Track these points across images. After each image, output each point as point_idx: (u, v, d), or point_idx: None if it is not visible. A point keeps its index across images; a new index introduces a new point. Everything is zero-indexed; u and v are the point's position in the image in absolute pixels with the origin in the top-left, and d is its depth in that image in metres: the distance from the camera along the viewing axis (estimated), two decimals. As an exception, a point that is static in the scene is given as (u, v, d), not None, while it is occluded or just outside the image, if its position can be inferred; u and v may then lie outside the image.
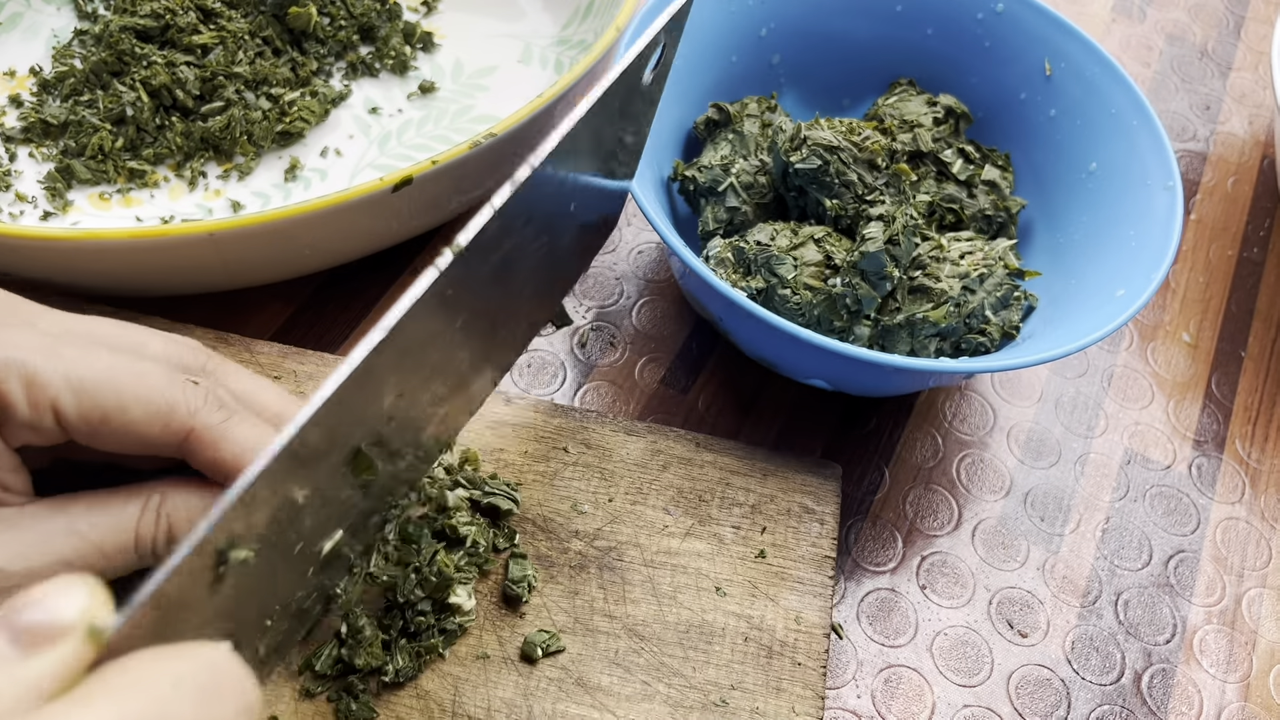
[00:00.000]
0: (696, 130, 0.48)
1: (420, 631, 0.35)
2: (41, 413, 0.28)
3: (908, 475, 0.45)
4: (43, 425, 0.29)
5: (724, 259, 0.43)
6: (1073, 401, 0.48)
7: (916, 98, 0.48)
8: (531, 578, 0.37)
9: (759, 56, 0.50)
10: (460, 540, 0.37)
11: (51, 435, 0.29)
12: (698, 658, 0.36)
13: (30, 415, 0.28)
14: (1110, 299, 0.41)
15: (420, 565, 0.35)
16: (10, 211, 0.47)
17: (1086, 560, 0.44)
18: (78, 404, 0.28)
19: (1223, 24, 0.67)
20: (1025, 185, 0.49)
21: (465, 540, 0.37)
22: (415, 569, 0.35)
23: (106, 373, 0.29)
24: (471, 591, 0.36)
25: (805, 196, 0.44)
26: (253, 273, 0.44)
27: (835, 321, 0.42)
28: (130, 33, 0.51)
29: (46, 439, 0.29)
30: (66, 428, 0.29)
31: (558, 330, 0.48)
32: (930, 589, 0.42)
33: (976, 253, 0.42)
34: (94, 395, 0.29)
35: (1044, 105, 0.48)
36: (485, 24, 0.58)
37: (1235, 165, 0.60)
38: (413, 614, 0.35)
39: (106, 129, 0.49)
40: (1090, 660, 0.41)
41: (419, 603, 0.35)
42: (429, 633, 0.35)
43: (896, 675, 0.40)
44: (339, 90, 0.53)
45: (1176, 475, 0.47)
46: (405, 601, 0.35)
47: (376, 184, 0.40)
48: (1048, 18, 0.48)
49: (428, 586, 0.35)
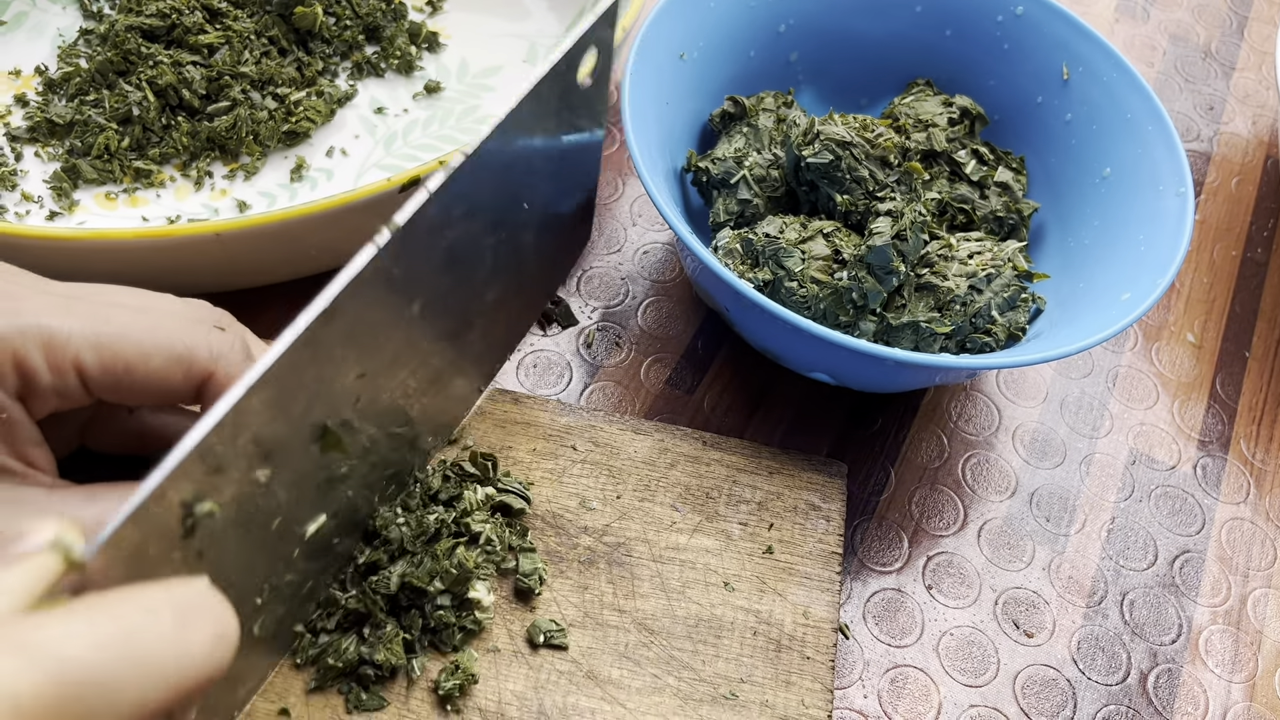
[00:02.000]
0: (712, 123, 0.49)
1: (441, 628, 0.35)
2: (65, 375, 0.28)
3: (913, 475, 0.45)
4: (67, 387, 0.29)
5: (732, 250, 0.43)
6: (1078, 402, 0.48)
7: (933, 98, 0.48)
8: (542, 571, 0.37)
9: (777, 53, 0.50)
10: (476, 537, 0.37)
11: (76, 397, 0.29)
12: (707, 651, 0.36)
13: (54, 380, 0.28)
14: (1116, 302, 0.41)
15: (440, 557, 0.35)
16: (16, 211, 0.47)
17: (1092, 560, 0.44)
18: (99, 358, 0.29)
19: (1226, 24, 0.68)
20: (1039, 189, 0.49)
21: (480, 537, 0.37)
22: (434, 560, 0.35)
23: (124, 325, 0.29)
24: (491, 587, 0.36)
25: (816, 191, 0.45)
26: (258, 273, 0.44)
27: (841, 316, 0.42)
28: (136, 32, 0.51)
29: (72, 401, 0.29)
30: (90, 385, 0.29)
31: (563, 330, 0.48)
32: (936, 589, 0.42)
33: (985, 253, 0.42)
34: (114, 347, 0.29)
35: (1060, 109, 0.48)
36: (490, 24, 0.58)
37: (1239, 166, 0.60)
38: (433, 609, 0.35)
39: (112, 128, 0.49)
40: (1096, 660, 0.41)
41: (438, 596, 0.35)
42: (449, 630, 0.35)
43: (903, 675, 0.40)
44: (345, 90, 0.53)
45: (1181, 476, 0.47)
46: (425, 596, 0.35)
47: (384, 184, 0.40)
48: (1067, 21, 0.48)
49: (448, 580, 0.35)
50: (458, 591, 0.36)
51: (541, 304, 0.44)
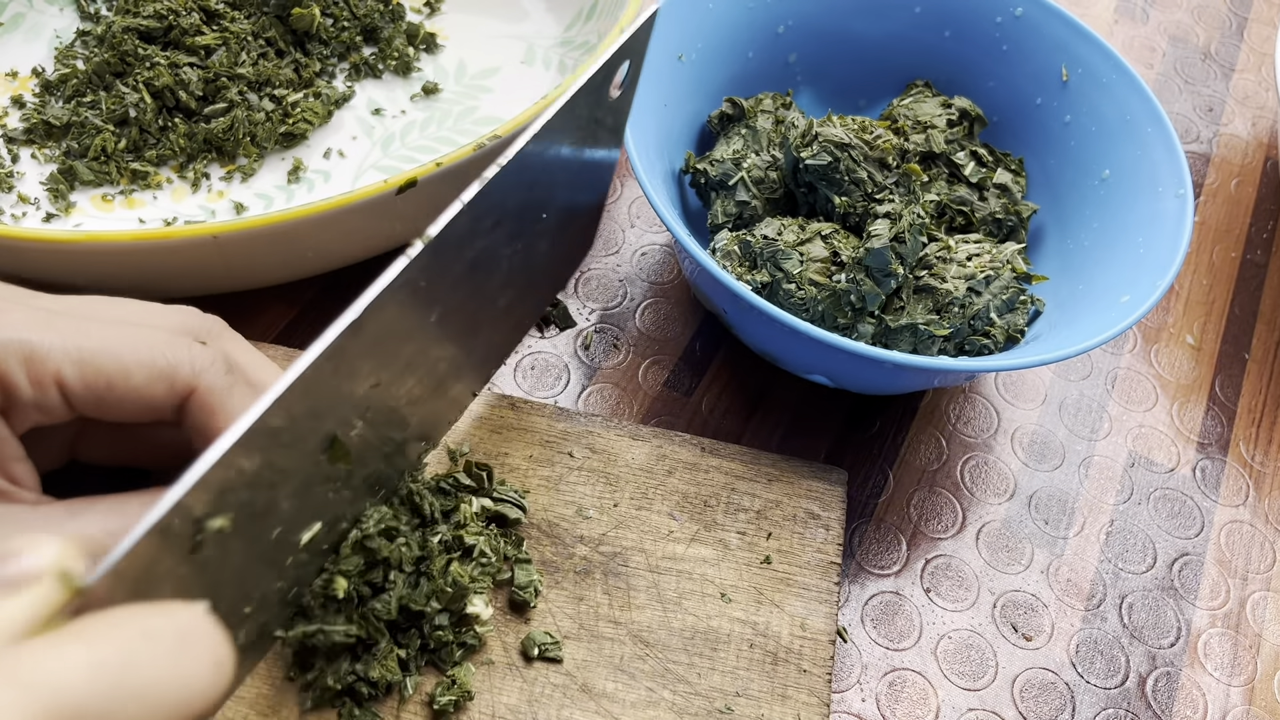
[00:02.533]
0: (710, 124, 0.48)
1: (440, 647, 0.35)
2: (45, 389, 0.28)
3: (912, 478, 0.45)
4: (48, 402, 0.28)
5: (730, 252, 0.43)
6: (1076, 404, 0.48)
7: (931, 99, 0.48)
8: (537, 583, 0.37)
9: (775, 54, 0.50)
10: (470, 550, 0.36)
11: (58, 412, 0.29)
12: (703, 664, 0.36)
13: (34, 394, 0.28)
14: (1115, 304, 0.41)
15: (435, 576, 0.35)
16: (12, 213, 0.47)
17: (1090, 563, 0.44)
18: (80, 374, 0.28)
19: (1225, 25, 0.67)
20: (1038, 190, 0.49)
21: (473, 550, 0.36)
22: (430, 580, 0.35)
23: (105, 340, 0.29)
24: (488, 600, 0.36)
25: (815, 193, 0.44)
26: (256, 275, 0.44)
27: (839, 318, 0.42)
28: (133, 34, 0.51)
29: (53, 416, 0.29)
30: (71, 400, 0.29)
31: (561, 332, 0.48)
32: (934, 592, 0.42)
33: (984, 255, 0.42)
34: (95, 363, 0.28)
35: (1060, 111, 0.48)
36: (488, 25, 0.57)
37: (1238, 167, 0.60)
38: (431, 629, 0.35)
39: (109, 130, 0.49)
40: (1095, 664, 0.41)
41: (436, 615, 0.35)
42: (448, 649, 0.35)
43: (901, 679, 0.40)
44: (342, 91, 0.53)
45: (1180, 478, 0.47)
46: (421, 615, 0.34)
47: (381, 186, 0.40)
48: (1066, 23, 0.48)
49: (444, 598, 0.34)
50: (455, 609, 0.35)
51: (542, 309, 0.43)
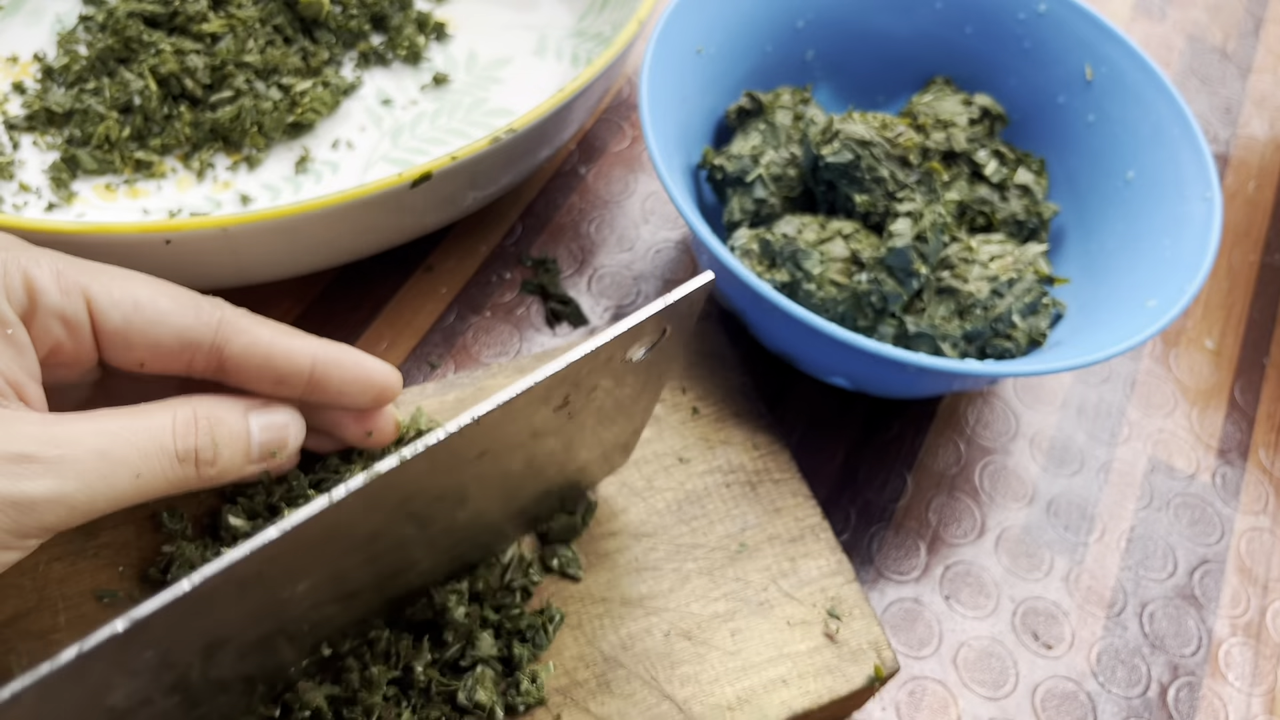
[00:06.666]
0: (728, 118, 0.47)
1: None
2: (73, 297, 0.29)
3: (930, 482, 0.44)
4: (73, 314, 0.29)
5: (749, 250, 0.42)
6: (1095, 408, 0.48)
7: (952, 96, 0.47)
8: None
9: (794, 49, 0.49)
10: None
11: (82, 334, 0.29)
12: (701, 524, 0.38)
13: (61, 300, 0.28)
14: (1140, 309, 0.40)
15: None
16: (13, 202, 0.46)
17: (1111, 571, 0.43)
18: (108, 290, 0.29)
19: (1242, 25, 0.67)
20: (1060, 191, 0.48)
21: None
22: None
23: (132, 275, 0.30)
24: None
25: (835, 191, 0.44)
26: (264, 269, 0.43)
27: (860, 320, 0.41)
28: (137, 19, 0.50)
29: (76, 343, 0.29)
30: (98, 322, 0.29)
31: (574, 330, 0.47)
32: (954, 599, 0.41)
33: (1006, 256, 0.42)
34: (125, 284, 0.30)
35: (1083, 110, 0.47)
36: (499, 14, 0.56)
37: (1256, 169, 0.59)
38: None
39: (113, 118, 0.48)
40: (1116, 673, 0.40)
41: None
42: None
43: (921, 688, 0.39)
44: (350, 81, 0.52)
45: (1200, 485, 0.46)
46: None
47: (395, 179, 0.39)
48: (1091, 20, 0.47)
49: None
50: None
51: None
